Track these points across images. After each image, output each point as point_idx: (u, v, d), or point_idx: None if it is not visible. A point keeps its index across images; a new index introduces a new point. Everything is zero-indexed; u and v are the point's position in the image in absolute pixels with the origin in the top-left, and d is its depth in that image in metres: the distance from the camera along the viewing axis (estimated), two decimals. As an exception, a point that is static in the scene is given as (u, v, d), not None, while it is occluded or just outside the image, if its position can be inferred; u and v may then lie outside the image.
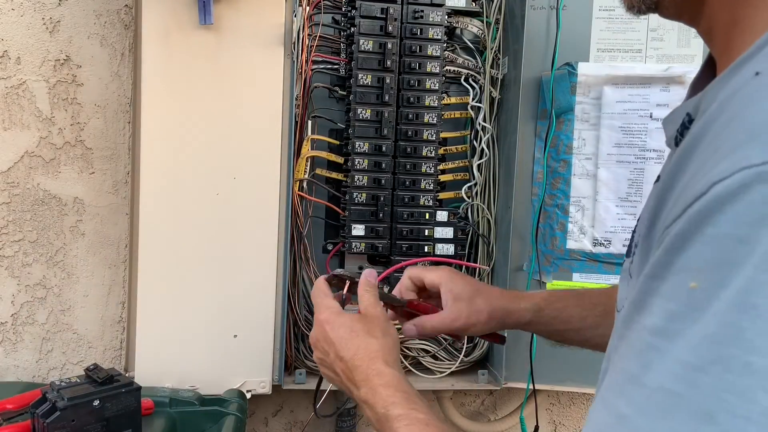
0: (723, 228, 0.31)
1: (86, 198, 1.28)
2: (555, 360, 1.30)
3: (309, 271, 1.28)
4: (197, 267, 1.18)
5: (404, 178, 1.28)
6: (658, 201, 0.41)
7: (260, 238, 1.20)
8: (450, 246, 1.30)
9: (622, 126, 1.24)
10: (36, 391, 1.03)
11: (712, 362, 0.30)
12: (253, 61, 1.18)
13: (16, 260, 1.26)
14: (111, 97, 1.27)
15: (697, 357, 0.31)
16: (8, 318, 1.27)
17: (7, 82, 1.24)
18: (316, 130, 1.29)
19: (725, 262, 0.31)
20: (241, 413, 1.10)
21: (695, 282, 0.32)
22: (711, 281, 0.31)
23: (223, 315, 1.20)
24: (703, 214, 0.32)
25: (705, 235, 0.32)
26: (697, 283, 0.32)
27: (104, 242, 1.29)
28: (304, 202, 1.28)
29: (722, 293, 0.31)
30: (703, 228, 0.32)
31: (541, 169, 1.27)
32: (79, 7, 1.25)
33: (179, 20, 1.14)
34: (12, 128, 1.25)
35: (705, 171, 0.33)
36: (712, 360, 0.30)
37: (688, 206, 0.33)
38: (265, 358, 1.22)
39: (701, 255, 0.32)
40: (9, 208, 1.25)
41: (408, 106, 1.27)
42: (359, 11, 1.24)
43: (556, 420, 1.53)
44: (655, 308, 0.34)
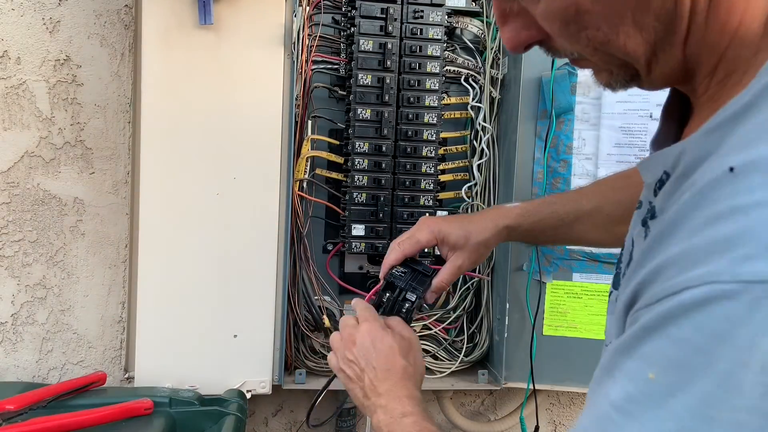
0: (685, 332, 0.34)
1: (86, 198, 1.28)
2: (555, 360, 1.30)
3: (309, 271, 1.28)
4: (197, 267, 1.18)
5: (404, 178, 1.28)
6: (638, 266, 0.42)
7: (260, 238, 1.20)
8: (450, 246, 1.30)
9: (622, 126, 1.24)
10: (36, 391, 1.03)
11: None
12: (253, 61, 1.18)
13: (16, 260, 1.26)
14: (111, 97, 1.27)
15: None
16: (8, 318, 1.27)
17: (7, 82, 1.24)
18: (316, 130, 1.29)
19: (683, 366, 0.34)
20: (241, 413, 1.10)
21: (653, 373, 0.35)
22: (668, 379, 0.34)
23: (223, 315, 1.20)
24: (670, 313, 0.35)
25: (668, 333, 0.35)
26: (655, 375, 0.35)
27: (104, 242, 1.29)
28: (304, 202, 1.28)
29: (680, 395, 0.33)
30: (667, 326, 0.35)
31: (541, 169, 1.27)
32: (79, 7, 1.25)
33: (179, 20, 1.14)
34: (12, 128, 1.25)
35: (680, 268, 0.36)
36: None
37: (660, 299, 0.36)
38: (265, 358, 1.22)
39: (662, 350, 0.35)
40: (9, 208, 1.25)
41: (408, 106, 1.27)
42: (359, 11, 1.24)
43: (556, 420, 1.53)
44: (618, 383, 0.37)
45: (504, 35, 0.50)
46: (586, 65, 0.49)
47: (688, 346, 0.34)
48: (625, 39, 0.43)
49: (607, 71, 0.47)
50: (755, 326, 0.31)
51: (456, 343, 1.36)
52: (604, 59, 0.46)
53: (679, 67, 0.45)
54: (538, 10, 0.45)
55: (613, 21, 0.42)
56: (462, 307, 1.36)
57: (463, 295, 1.36)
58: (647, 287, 0.39)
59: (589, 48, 0.45)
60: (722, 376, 0.32)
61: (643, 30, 0.42)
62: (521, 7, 0.47)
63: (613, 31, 0.43)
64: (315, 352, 1.31)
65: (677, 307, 0.35)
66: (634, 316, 0.39)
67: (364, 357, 0.77)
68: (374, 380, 0.75)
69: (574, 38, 0.45)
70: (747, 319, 0.32)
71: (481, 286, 1.36)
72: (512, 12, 0.48)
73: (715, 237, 0.35)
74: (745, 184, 0.35)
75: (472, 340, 1.37)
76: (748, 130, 0.38)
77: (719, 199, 0.36)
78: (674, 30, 0.42)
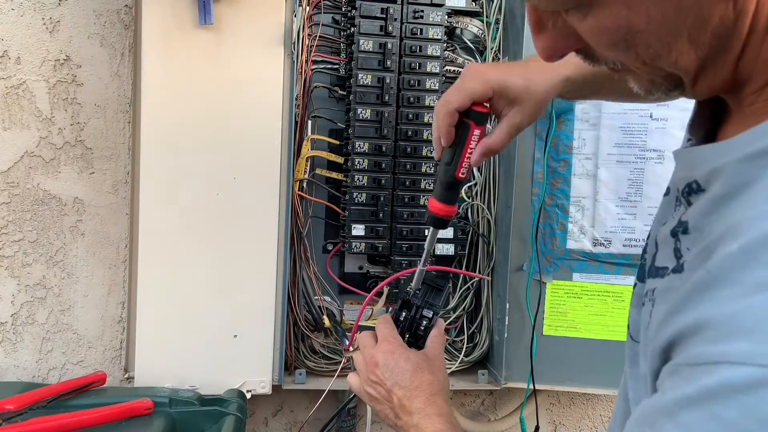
0: (731, 414, 0.33)
1: (86, 198, 1.28)
2: (555, 360, 1.30)
3: (309, 271, 1.28)
4: (197, 267, 1.18)
5: (404, 178, 1.28)
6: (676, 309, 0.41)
7: (260, 238, 1.20)
8: (450, 246, 1.30)
9: (622, 126, 1.24)
10: (36, 391, 1.03)
11: None
12: (253, 61, 1.18)
13: (16, 260, 1.26)
14: (111, 97, 1.27)
15: None
16: (8, 318, 1.27)
17: (7, 82, 1.24)
18: (316, 130, 1.29)
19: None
20: (241, 413, 1.10)
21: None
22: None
23: (223, 315, 1.20)
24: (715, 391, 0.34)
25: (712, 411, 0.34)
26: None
27: (104, 242, 1.29)
28: (304, 202, 1.28)
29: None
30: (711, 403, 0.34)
31: (541, 169, 1.27)
32: (79, 7, 1.25)
33: (179, 20, 1.14)
34: (12, 128, 1.24)
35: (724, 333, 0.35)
36: None
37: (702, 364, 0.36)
38: (265, 358, 1.22)
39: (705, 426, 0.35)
40: (9, 208, 1.25)
41: (408, 106, 1.27)
42: (359, 11, 1.24)
43: (556, 420, 1.53)
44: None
45: (539, 44, 0.47)
46: (627, 74, 0.47)
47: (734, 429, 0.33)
48: (677, 55, 0.42)
49: (650, 80, 0.46)
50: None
51: (456, 343, 1.36)
52: (650, 71, 0.44)
53: (728, 80, 0.44)
54: (584, 27, 0.43)
55: (667, 39, 0.41)
56: (462, 307, 1.36)
57: (463, 295, 1.36)
58: (688, 340, 0.38)
59: (636, 62, 0.43)
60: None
61: (698, 47, 0.41)
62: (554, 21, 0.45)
63: (665, 49, 0.42)
64: (315, 352, 1.31)
65: (722, 385, 0.34)
66: (675, 369, 0.39)
67: (390, 377, 0.76)
68: (403, 399, 0.74)
69: (622, 53, 0.43)
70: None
71: (481, 286, 1.36)
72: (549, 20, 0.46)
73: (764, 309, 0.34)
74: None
75: (472, 340, 1.37)
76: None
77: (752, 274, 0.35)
78: (729, 47, 0.41)
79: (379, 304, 1.30)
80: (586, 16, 0.42)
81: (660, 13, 0.40)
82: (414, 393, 0.74)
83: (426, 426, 0.71)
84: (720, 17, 0.40)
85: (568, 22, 0.44)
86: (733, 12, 0.40)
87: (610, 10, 0.40)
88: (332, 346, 1.31)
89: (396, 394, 0.75)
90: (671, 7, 0.39)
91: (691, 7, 0.39)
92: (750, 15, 0.40)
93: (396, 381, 0.75)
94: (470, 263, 1.36)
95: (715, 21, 0.40)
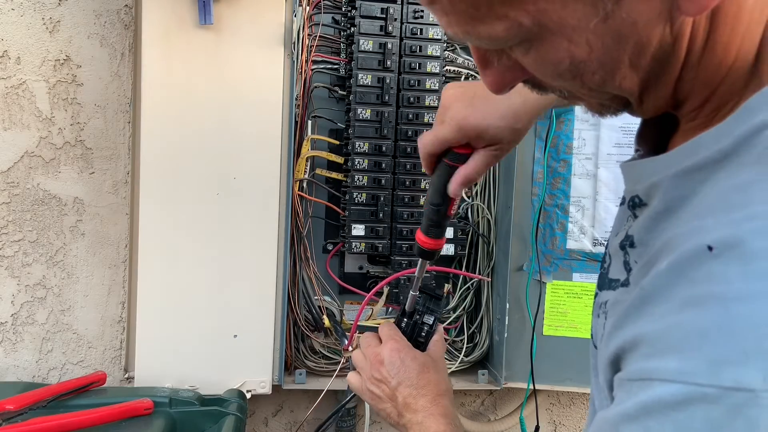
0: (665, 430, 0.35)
1: (86, 198, 1.28)
2: (555, 360, 1.30)
3: (309, 271, 1.28)
4: (197, 267, 1.18)
5: (404, 178, 1.28)
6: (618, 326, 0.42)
7: (260, 238, 1.20)
8: (450, 246, 1.30)
9: (622, 126, 1.24)
10: (36, 391, 1.03)
11: None
12: (253, 61, 1.18)
13: (16, 260, 1.26)
14: (111, 97, 1.27)
15: None
16: (8, 318, 1.27)
17: (7, 82, 1.24)
18: (316, 130, 1.29)
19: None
20: (241, 413, 1.10)
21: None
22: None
23: (223, 315, 1.20)
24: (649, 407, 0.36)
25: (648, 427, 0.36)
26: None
27: (104, 242, 1.29)
28: (304, 202, 1.28)
29: None
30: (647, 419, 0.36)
31: (541, 169, 1.27)
32: (79, 7, 1.25)
33: (179, 20, 1.14)
34: (12, 128, 1.24)
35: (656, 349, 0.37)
36: None
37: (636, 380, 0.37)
38: (265, 358, 1.22)
39: None
40: (9, 208, 1.25)
41: (408, 106, 1.27)
42: (359, 11, 1.24)
43: (556, 420, 1.53)
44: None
45: (487, 79, 0.47)
46: (576, 101, 0.49)
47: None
48: (621, 80, 0.43)
49: (599, 104, 0.47)
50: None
51: (456, 343, 1.36)
52: (597, 95, 0.46)
53: (671, 99, 0.46)
54: (528, 61, 0.43)
55: (609, 66, 0.42)
56: (462, 307, 1.36)
57: (463, 295, 1.36)
58: (629, 354, 0.40)
59: (583, 89, 0.44)
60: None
61: (639, 70, 0.42)
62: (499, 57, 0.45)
63: (609, 75, 0.42)
64: (315, 352, 1.31)
65: (656, 402, 0.35)
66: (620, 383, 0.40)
67: (395, 375, 0.75)
68: (408, 397, 0.74)
69: (568, 82, 0.44)
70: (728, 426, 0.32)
71: (481, 286, 1.36)
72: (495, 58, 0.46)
73: (691, 326, 0.35)
74: (722, 270, 0.35)
75: (472, 340, 1.37)
76: (725, 192, 0.38)
77: (696, 280, 0.36)
78: (669, 69, 0.43)
79: (379, 304, 1.30)
80: (529, 52, 0.42)
81: (600, 43, 0.40)
82: (420, 392, 0.74)
83: (430, 425, 0.70)
84: (658, 41, 0.40)
85: (513, 56, 0.44)
86: (670, 35, 0.40)
87: (552, 44, 0.41)
88: (332, 346, 1.31)
89: (401, 393, 0.74)
90: (610, 36, 0.40)
91: (630, 34, 0.40)
92: (687, 37, 0.41)
93: (402, 379, 0.75)
94: (470, 263, 1.36)
95: (654, 45, 0.41)
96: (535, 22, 0.39)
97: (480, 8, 0.39)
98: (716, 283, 0.35)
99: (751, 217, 0.35)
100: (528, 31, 0.40)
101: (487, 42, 0.42)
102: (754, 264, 0.34)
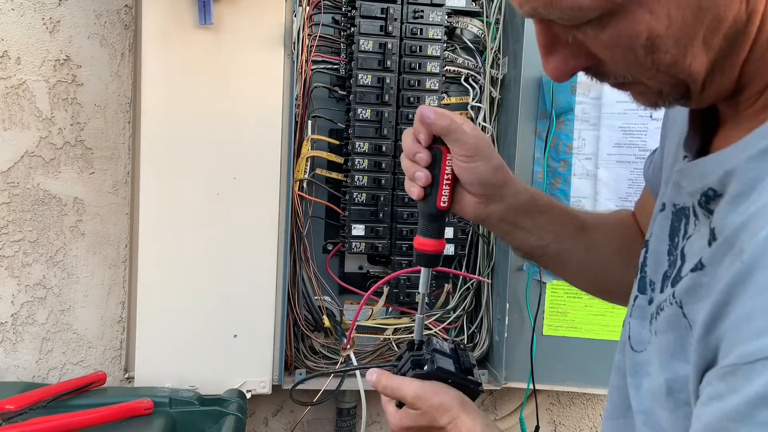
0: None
1: (86, 198, 1.28)
2: (555, 360, 1.30)
3: (309, 271, 1.28)
4: (197, 267, 1.18)
5: (404, 178, 1.27)
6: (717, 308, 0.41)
7: (260, 238, 1.20)
8: (450, 246, 1.30)
9: (622, 126, 1.24)
10: (36, 391, 1.03)
11: None
12: (253, 61, 1.18)
13: (16, 260, 1.26)
14: (111, 97, 1.27)
15: None
16: (8, 318, 1.27)
17: (7, 82, 1.24)
18: (316, 130, 1.29)
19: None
20: (241, 413, 1.10)
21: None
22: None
23: (223, 315, 1.20)
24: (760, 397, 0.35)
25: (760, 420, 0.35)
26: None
27: (104, 242, 1.29)
28: (304, 202, 1.28)
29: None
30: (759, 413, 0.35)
31: (541, 169, 1.27)
32: (79, 7, 1.25)
33: (179, 20, 1.14)
34: (12, 128, 1.25)
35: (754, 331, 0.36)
36: None
37: (756, 360, 0.36)
38: (265, 358, 1.22)
39: None
40: (9, 208, 1.25)
41: (408, 106, 1.27)
42: (359, 11, 1.24)
43: (556, 420, 1.53)
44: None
45: (549, 65, 0.48)
46: (634, 88, 0.48)
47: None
48: (691, 59, 0.42)
49: (657, 93, 0.47)
50: None
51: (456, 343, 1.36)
52: (662, 79, 0.45)
53: (733, 84, 0.45)
54: (603, 38, 0.43)
55: (684, 43, 0.42)
56: (462, 307, 1.36)
57: (463, 295, 1.36)
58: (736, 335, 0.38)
59: (651, 71, 0.44)
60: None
61: (710, 50, 0.42)
62: (573, 35, 0.45)
63: (681, 53, 0.42)
64: (315, 352, 1.31)
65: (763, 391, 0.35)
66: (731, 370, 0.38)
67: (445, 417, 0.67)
68: None
69: (638, 63, 0.43)
70: None
71: (480, 286, 1.36)
72: (561, 40, 0.46)
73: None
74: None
75: (472, 340, 1.37)
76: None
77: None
78: (738, 49, 0.43)
79: (378, 304, 1.30)
80: (606, 27, 0.42)
81: (680, 16, 0.40)
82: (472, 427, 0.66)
83: None
84: (734, 17, 0.41)
85: (579, 39, 0.44)
86: (745, 12, 0.41)
87: (633, 17, 0.41)
88: (332, 346, 1.31)
89: None
90: (691, 9, 0.40)
91: (709, 7, 0.40)
92: (760, 14, 0.41)
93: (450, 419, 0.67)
94: (470, 263, 1.36)
95: (729, 21, 0.41)
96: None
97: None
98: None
99: None
100: (613, 1, 0.40)
101: (569, 13, 0.42)
102: None
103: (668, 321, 0.49)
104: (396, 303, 1.32)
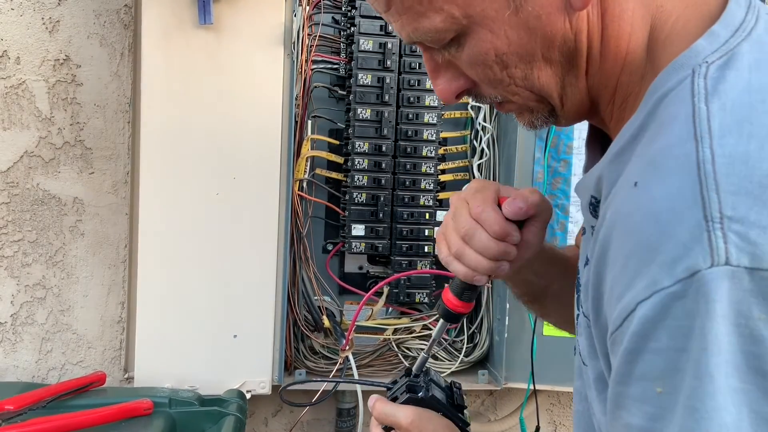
0: (663, 342, 0.38)
1: (86, 198, 1.28)
2: (555, 360, 1.30)
3: (309, 272, 1.28)
4: (197, 267, 1.18)
5: (404, 178, 1.28)
6: (595, 291, 0.45)
7: (260, 238, 1.20)
8: (450, 246, 1.30)
9: (622, 126, 1.24)
10: (36, 391, 1.03)
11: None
12: (253, 61, 1.18)
13: (16, 260, 1.26)
14: (111, 97, 1.27)
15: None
16: (8, 318, 1.27)
17: (7, 82, 1.24)
18: (316, 130, 1.29)
19: (675, 369, 0.38)
20: (241, 413, 1.10)
21: (660, 387, 0.38)
22: (671, 386, 0.38)
23: (223, 315, 1.20)
24: (643, 332, 0.38)
25: (650, 349, 0.38)
26: (662, 388, 0.38)
27: (104, 242, 1.29)
28: (304, 202, 1.28)
29: (679, 397, 0.37)
30: (647, 343, 0.38)
31: (541, 169, 1.27)
32: (79, 7, 1.25)
33: (179, 20, 1.14)
34: (12, 128, 1.24)
35: (624, 285, 0.40)
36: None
37: (624, 319, 0.40)
38: (265, 358, 1.22)
39: (655, 365, 0.38)
40: (9, 208, 1.25)
41: (408, 106, 1.27)
42: (359, 11, 1.23)
43: (556, 420, 1.53)
44: (634, 410, 0.40)
45: (437, 87, 0.54)
46: (509, 108, 0.53)
47: (672, 352, 0.37)
48: (538, 73, 0.48)
49: (528, 110, 0.52)
50: (708, 314, 0.36)
51: (456, 343, 1.36)
52: (524, 96, 0.50)
53: (586, 98, 0.50)
54: (464, 56, 0.49)
55: (527, 59, 0.47)
56: (462, 307, 1.35)
57: (463, 295, 1.35)
58: (608, 307, 0.42)
59: (511, 86, 0.49)
60: (696, 365, 0.36)
61: (551, 64, 0.48)
62: (449, 60, 0.51)
63: (529, 68, 0.48)
64: (315, 352, 1.31)
65: (644, 323, 0.38)
66: (611, 339, 0.42)
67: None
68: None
69: (498, 79, 0.49)
70: (698, 309, 0.36)
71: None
72: (442, 65, 0.52)
73: (639, 247, 0.39)
74: (645, 190, 0.40)
75: (472, 341, 1.37)
76: (642, 147, 0.44)
77: (630, 213, 0.41)
78: (576, 63, 0.48)
79: (378, 304, 1.30)
80: (463, 47, 0.48)
81: (516, 35, 0.46)
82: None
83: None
84: (561, 35, 0.46)
85: (456, 65, 0.50)
86: (570, 30, 0.46)
87: (479, 36, 0.47)
88: (332, 346, 1.31)
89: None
90: (522, 28, 0.46)
91: (537, 27, 0.46)
92: (585, 32, 0.46)
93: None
94: (470, 263, 1.36)
95: (559, 38, 0.46)
96: (463, 13, 0.45)
97: (423, 2, 0.46)
98: (644, 203, 0.40)
99: (652, 161, 0.41)
100: (459, 22, 0.46)
101: (432, 35, 0.48)
102: (659, 185, 0.40)
103: (580, 325, 0.52)
104: (396, 303, 1.32)
